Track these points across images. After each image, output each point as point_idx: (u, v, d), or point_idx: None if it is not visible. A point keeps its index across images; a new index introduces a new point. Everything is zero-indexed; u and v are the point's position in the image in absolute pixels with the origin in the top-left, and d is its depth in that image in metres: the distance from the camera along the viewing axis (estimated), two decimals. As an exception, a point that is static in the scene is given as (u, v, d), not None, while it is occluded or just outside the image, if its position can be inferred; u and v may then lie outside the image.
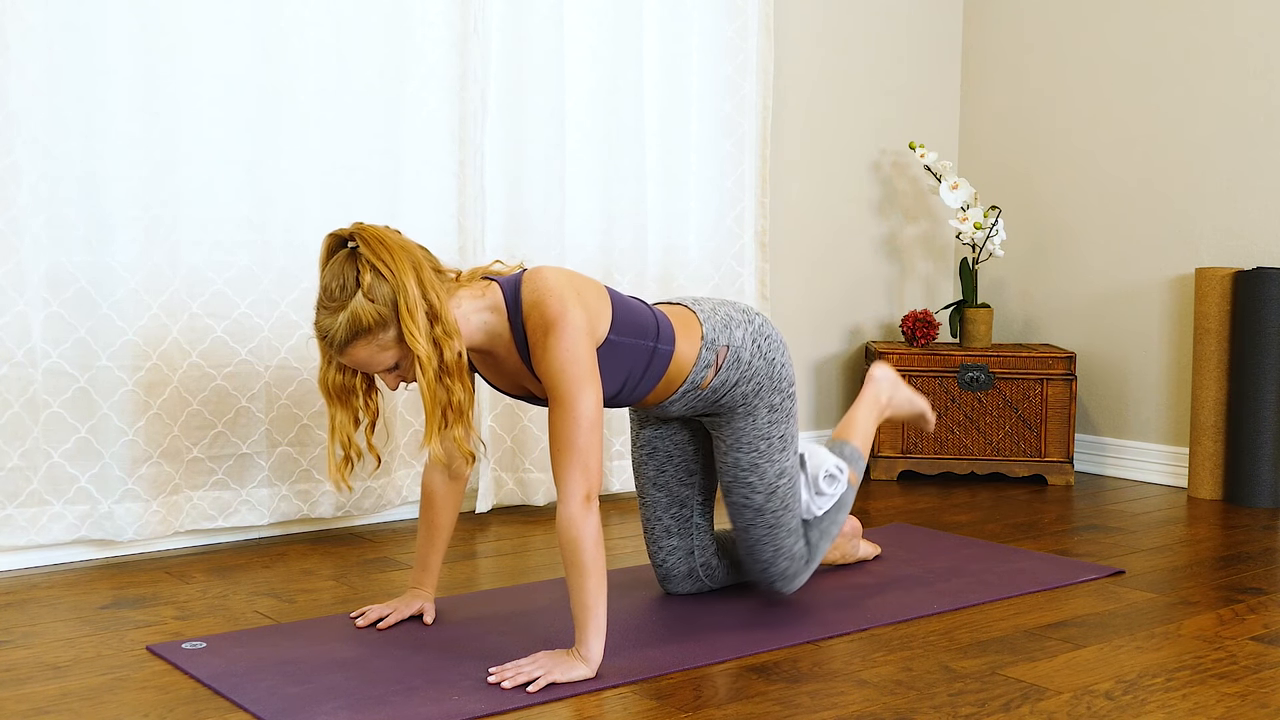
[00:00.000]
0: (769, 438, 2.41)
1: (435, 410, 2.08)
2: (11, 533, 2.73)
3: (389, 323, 2.05)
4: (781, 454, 2.43)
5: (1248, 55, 3.66)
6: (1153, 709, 1.99)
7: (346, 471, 2.18)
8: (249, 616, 2.45)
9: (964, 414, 3.85)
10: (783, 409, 2.42)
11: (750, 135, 3.77)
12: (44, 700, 2.00)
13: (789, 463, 2.44)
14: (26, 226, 2.71)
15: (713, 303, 2.44)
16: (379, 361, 2.09)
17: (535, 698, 1.99)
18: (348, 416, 2.18)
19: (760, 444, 2.40)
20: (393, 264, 2.04)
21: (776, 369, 2.41)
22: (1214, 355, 3.61)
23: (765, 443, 2.41)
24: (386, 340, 2.06)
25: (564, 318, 2.08)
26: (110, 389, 2.79)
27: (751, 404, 2.39)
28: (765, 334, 2.42)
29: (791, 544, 2.46)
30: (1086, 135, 4.07)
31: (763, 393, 2.39)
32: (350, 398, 2.18)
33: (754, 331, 2.40)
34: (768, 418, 2.41)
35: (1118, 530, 3.24)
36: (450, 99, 3.22)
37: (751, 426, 2.40)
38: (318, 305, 2.09)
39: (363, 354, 2.07)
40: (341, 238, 2.10)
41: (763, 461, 2.41)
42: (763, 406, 2.40)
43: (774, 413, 2.41)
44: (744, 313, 2.43)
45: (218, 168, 2.92)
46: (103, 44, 2.74)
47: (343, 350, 2.07)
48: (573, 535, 2.04)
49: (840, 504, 2.57)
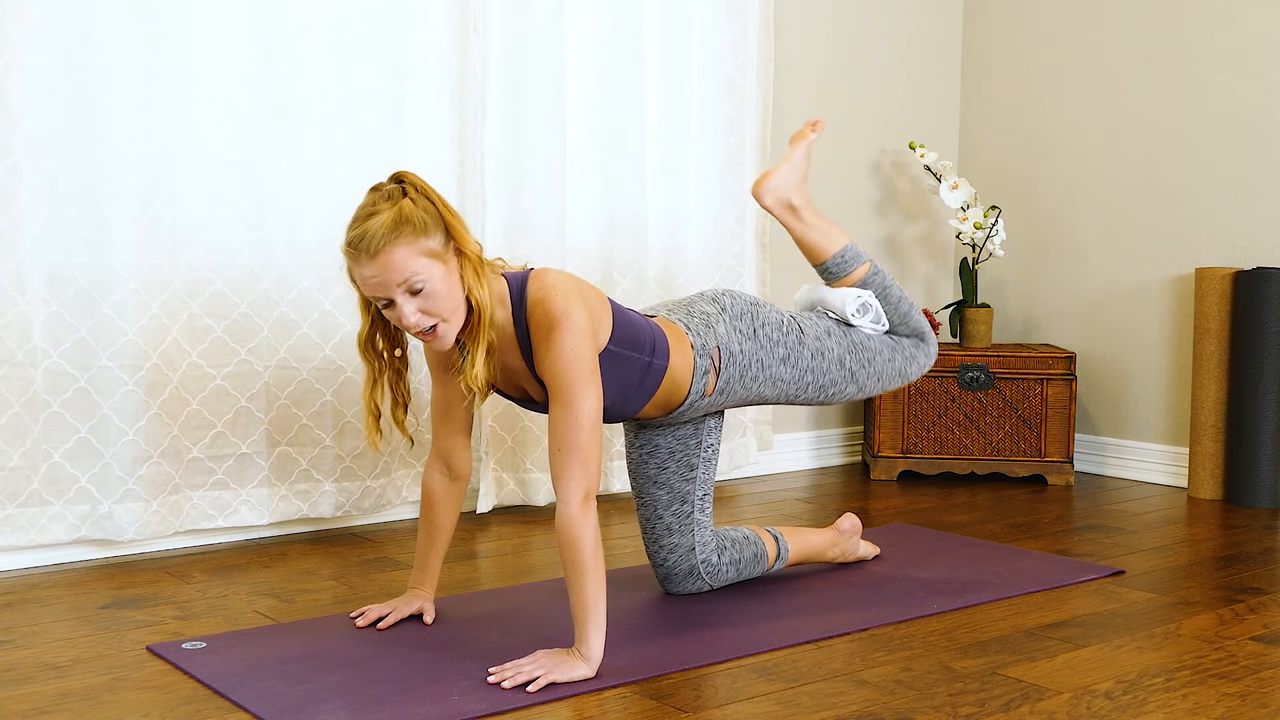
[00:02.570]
0: (806, 372, 2.47)
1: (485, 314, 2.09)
2: (11, 533, 2.73)
3: (433, 230, 2.05)
4: (824, 364, 2.48)
5: (1248, 55, 3.66)
6: (1153, 709, 1.99)
7: (377, 437, 2.21)
8: (249, 616, 2.45)
9: (964, 414, 3.85)
10: (791, 350, 2.46)
11: (750, 135, 3.77)
12: (44, 700, 2.00)
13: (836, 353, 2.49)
14: (26, 226, 2.71)
15: (685, 308, 2.45)
16: (414, 270, 2.02)
17: (535, 698, 1.99)
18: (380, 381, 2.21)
19: (808, 377, 2.47)
20: (440, 200, 2.09)
21: (762, 336, 2.43)
22: (1214, 355, 3.61)
23: (811, 374, 2.47)
24: (428, 247, 2.04)
25: (569, 317, 2.09)
26: (110, 389, 2.79)
27: (762, 377, 2.43)
28: (737, 311, 2.44)
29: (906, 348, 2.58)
30: (1086, 135, 4.07)
31: (766, 364, 2.42)
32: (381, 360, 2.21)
33: (730, 317, 2.42)
34: (788, 371, 2.45)
35: (1118, 530, 3.24)
36: (450, 99, 3.22)
37: (788, 385, 2.46)
38: (352, 221, 2.06)
39: (400, 256, 2.01)
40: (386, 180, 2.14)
41: (821, 378, 2.49)
42: (775, 364, 2.43)
43: (788, 360, 2.45)
44: (713, 302, 2.45)
45: (218, 168, 2.92)
46: (103, 44, 2.74)
47: (380, 250, 2.01)
48: (572, 535, 2.04)
49: (889, 300, 2.59)
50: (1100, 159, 4.03)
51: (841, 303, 2.54)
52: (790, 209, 2.65)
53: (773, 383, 2.45)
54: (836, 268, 2.62)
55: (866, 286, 2.59)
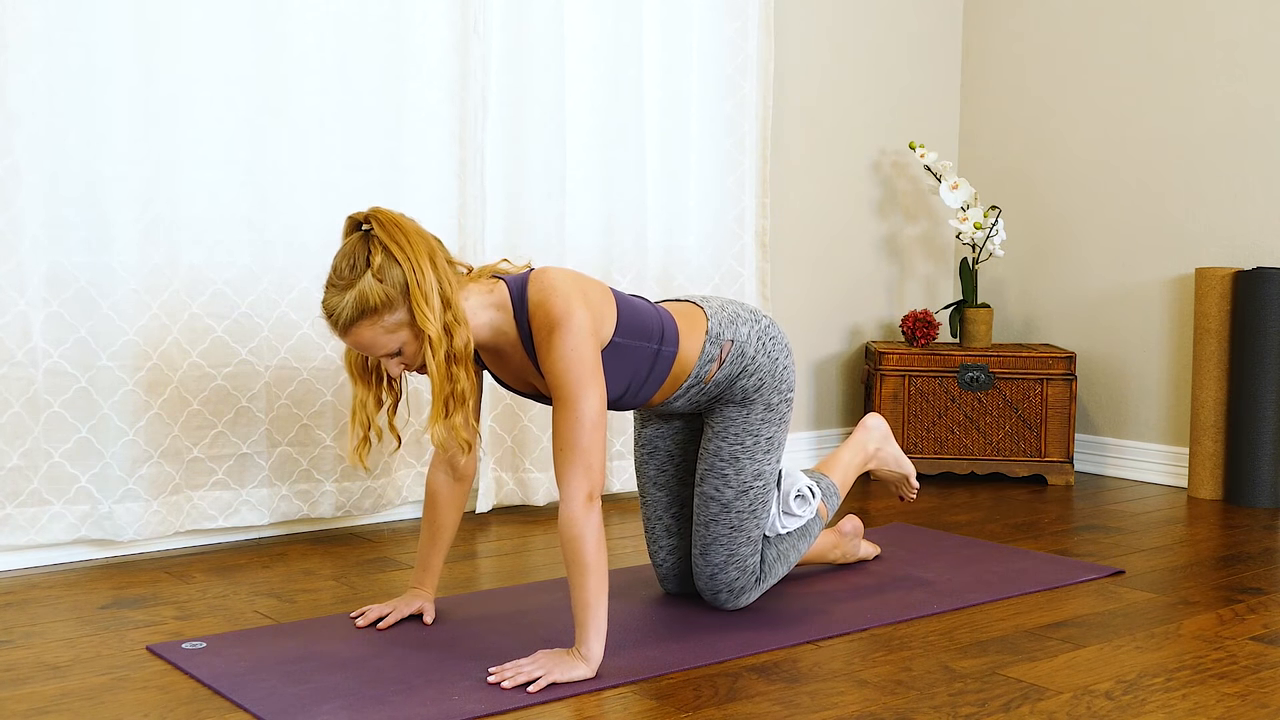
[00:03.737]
0: (757, 435, 2.41)
1: (441, 395, 2.08)
2: (12, 532, 2.73)
3: (396, 304, 2.05)
4: (765, 455, 2.42)
5: (1248, 55, 3.66)
6: (1153, 709, 1.99)
7: (365, 452, 2.19)
8: (249, 616, 2.45)
9: (964, 414, 3.85)
10: (778, 411, 2.42)
11: (750, 135, 3.77)
12: (44, 700, 2.00)
13: (769, 468, 2.43)
14: (26, 226, 2.71)
15: (721, 300, 2.45)
16: (383, 344, 2.08)
17: (535, 698, 1.99)
18: (370, 396, 2.19)
19: (746, 438, 2.40)
20: (407, 247, 2.05)
21: (779, 370, 2.41)
22: (1214, 355, 3.61)
23: (752, 439, 2.41)
24: (392, 323, 2.06)
25: (569, 317, 2.09)
26: (110, 389, 2.79)
27: (750, 397, 2.39)
28: (771, 335, 2.42)
29: (747, 554, 2.43)
30: (1086, 135, 4.07)
31: (764, 390, 2.40)
32: (374, 378, 2.19)
33: (760, 330, 2.41)
34: (762, 415, 2.41)
35: (1118, 530, 3.24)
36: (450, 99, 3.22)
37: (743, 418, 2.40)
38: (326, 285, 2.09)
39: (366, 335, 2.07)
40: (357, 220, 2.11)
41: (744, 456, 2.40)
42: (760, 403, 2.40)
43: (769, 411, 2.41)
44: (752, 313, 2.44)
45: (218, 168, 2.92)
46: (103, 44, 2.74)
47: (347, 330, 2.07)
48: (574, 534, 2.05)
49: (805, 531, 2.52)
50: (1100, 159, 4.03)
51: (799, 478, 2.50)
52: (865, 447, 2.75)
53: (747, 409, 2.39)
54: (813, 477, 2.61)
55: (805, 523, 2.51)
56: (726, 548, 2.42)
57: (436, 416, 2.09)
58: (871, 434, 2.77)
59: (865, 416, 2.81)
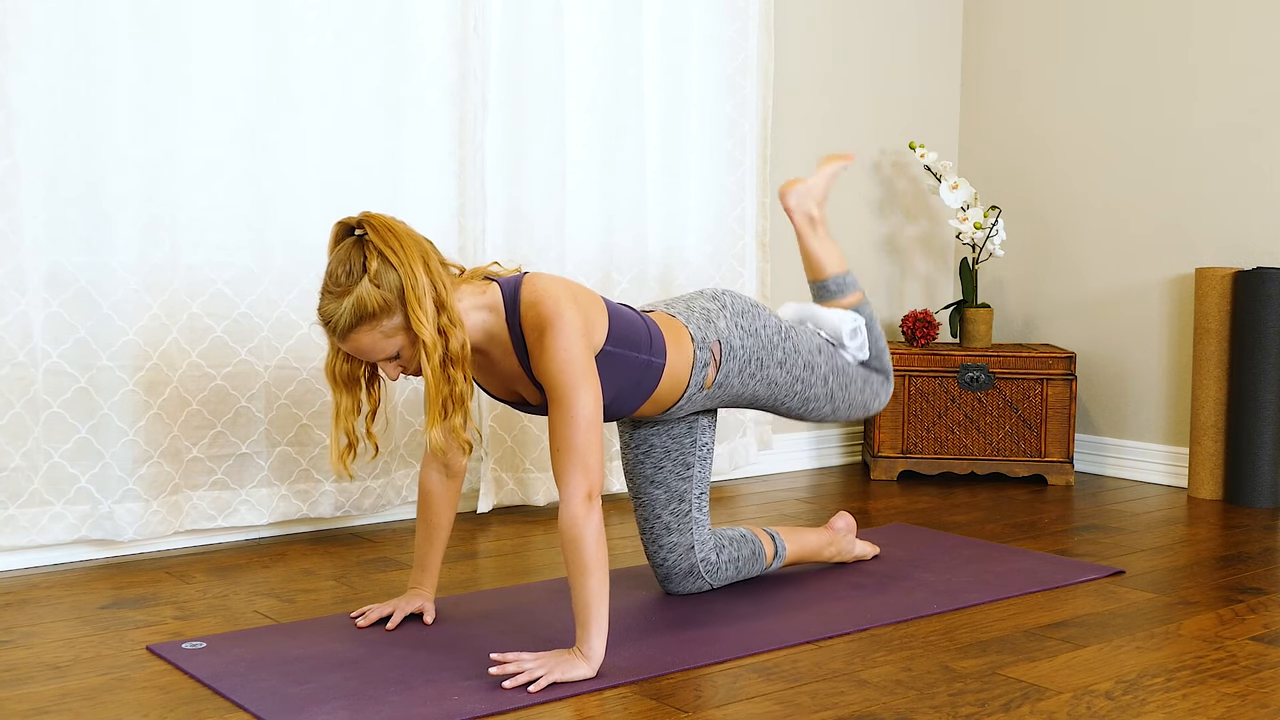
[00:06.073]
0: (796, 381, 2.51)
1: (438, 399, 2.08)
2: (12, 533, 2.73)
3: (393, 309, 2.06)
4: (813, 377, 2.53)
5: (1248, 55, 3.66)
6: (1153, 709, 1.99)
7: (349, 459, 2.20)
8: (249, 616, 2.45)
9: (964, 414, 3.85)
10: (788, 356, 2.49)
11: (751, 135, 3.77)
12: (44, 700, 2.00)
13: (823, 369, 2.55)
14: (26, 226, 2.71)
15: (685, 303, 2.48)
16: (381, 349, 2.09)
17: (535, 697, 1.99)
18: (352, 404, 2.20)
19: (797, 386, 2.51)
20: (401, 251, 2.06)
21: (763, 336, 2.46)
22: (1214, 355, 3.61)
23: (800, 384, 2.51)
24: (390, 327, 2.07)
25: (560, 318, 2.10)
26: (110, 389, 2.79)
27: (759, 375, 2.46)
28: (738, 309, 2.47)
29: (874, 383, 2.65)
30: (1086, 135, 4.07)
31: (765, 363, 2.45)
32: (355, 386, 2.20)
33: (731, 314, 2.45)
34: (783, 375, 2.49)
35: (1118, 530, 3.24)
36: (450, 99, 3.22)
37: (779, 389, 2.50)
38: (322, 291, 2.09)
39: (365, 340, 2.07)
40: (349, 225, 2.11)
41: (807, 390, 2.54)
42: (773, 366, 2.47)
43: (784, 365, 2.49)
44: (714, 300, 2.47)
45: (218, 168, 2.92)
46: (103, 44, 2.74)
47: (346, 336, 2.07)
48: (575, 534, 2.05)
49: (872, 333, 2.66)
50: (1100, 159, 4.03)
51: (839, 322, 2.61)
52: (810, 218, 2.74)
53: (767, 383, 2.48)
54: (836, 287, 2.69)
55: (857, 314, 2.66)
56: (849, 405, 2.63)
57: (434, 419, 2.09)
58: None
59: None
